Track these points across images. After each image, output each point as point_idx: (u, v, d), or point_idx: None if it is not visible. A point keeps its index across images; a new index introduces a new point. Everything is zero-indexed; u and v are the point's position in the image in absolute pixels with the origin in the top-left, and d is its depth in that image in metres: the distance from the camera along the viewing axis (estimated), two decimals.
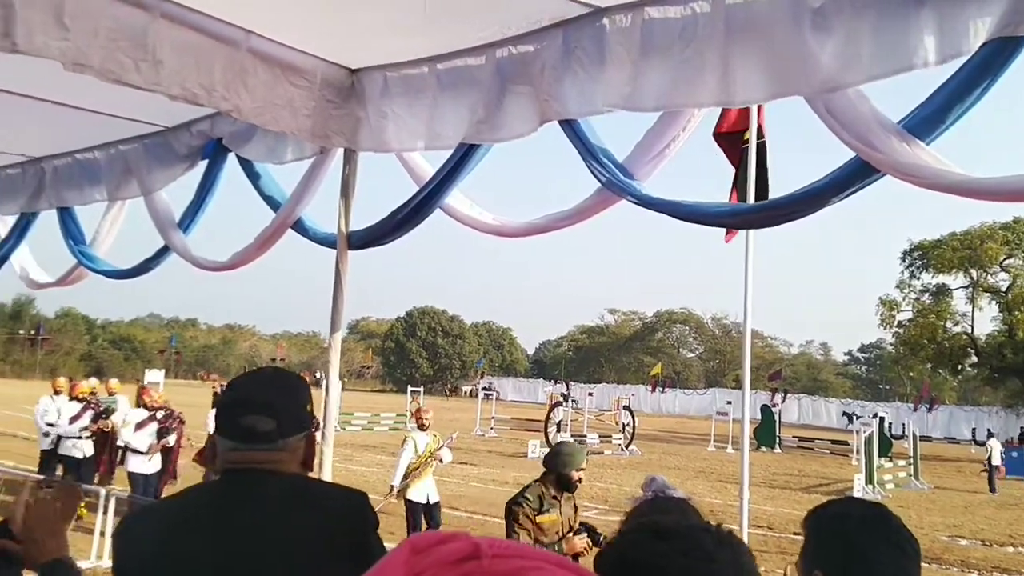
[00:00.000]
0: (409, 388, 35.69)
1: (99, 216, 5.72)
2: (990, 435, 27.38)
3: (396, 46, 3.71)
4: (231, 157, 4.57)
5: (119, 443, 10.48)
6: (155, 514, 1.84)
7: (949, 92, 2.50)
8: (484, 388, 42.00)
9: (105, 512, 8.00)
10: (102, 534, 7.78)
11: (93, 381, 13.16)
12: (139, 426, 9.90)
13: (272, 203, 4.55)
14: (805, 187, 2.83)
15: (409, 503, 9.38)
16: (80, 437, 10.93)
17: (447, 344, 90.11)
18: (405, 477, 9.51)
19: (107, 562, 7.13)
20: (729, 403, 34.80)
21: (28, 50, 2.84)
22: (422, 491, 9.44)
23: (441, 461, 9.87)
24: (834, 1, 2.52)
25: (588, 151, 3.32)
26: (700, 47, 2.73)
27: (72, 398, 11.25)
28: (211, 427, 11.61)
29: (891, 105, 2.65)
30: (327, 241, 4.33)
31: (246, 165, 4.54)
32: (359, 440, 24.69)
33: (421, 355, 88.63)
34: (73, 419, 10.93)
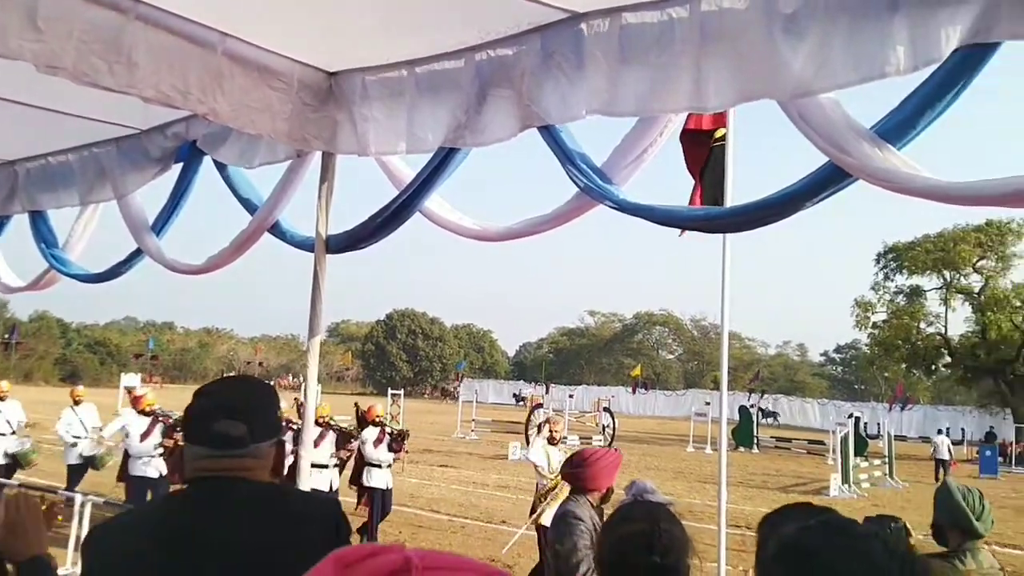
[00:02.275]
0: (389, 391, 35.54)
1: (72, 219, 5.66)
2: (939, 432, 29.34)
3: (374, 49, 3.70)
4: (207, 160, 4.54)
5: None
6: (125, 524, 1.81)
7: (920, 98, 2.53)
8: (443, 389, 41.69)
9: (80, 520, 7.89)
10: (77, 542, 7.68)
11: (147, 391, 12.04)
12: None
13: (249, 206, 4.53)
14: (780, 191, 2.86)
15: (543, 530, 8.07)
16: (153, 455, 9.90)
17: (427, 347, 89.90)
18: (541, 501, 8.40)
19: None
20: (707, 404, 35.03)
21: (2, 53, 2.81)
22: None
23: None
24: (807, 7, 2.53)
25: (566, 156, 3.33)
26: (676, 52, 2.75)
27: (139, 412, 10.16)
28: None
29: (859, 110, 2.68)
30: (305, 245, 4.31)
31: (221, 168, 4.51)
32: None
33: (401, 358, 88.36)
34: (144, 435, 9.92)
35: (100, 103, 4.06)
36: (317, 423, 9.49)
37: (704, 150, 5.62)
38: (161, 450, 9.88)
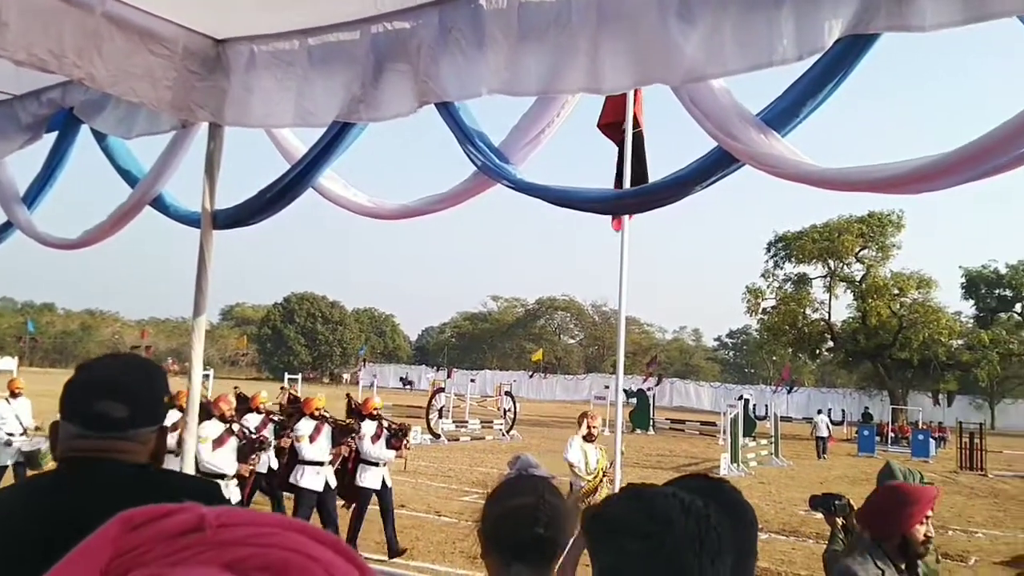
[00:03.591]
0: (286, 376, 34.74)
1: None
2: (819, 412, 31.44)
3: (265, 17, 3.55)
4: (85, 129, 4.28)
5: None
6: None
7: (803, 87, 2.63)
8: (332, 375, 41.18)
9: None
10: None
11: None
12: (314, 437, 8.86)
13: (129, 178, 4.29)
14: (670, 175, 2.92)
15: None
16: None
17: (327, 331, 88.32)
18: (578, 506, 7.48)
19: None
20: (607, 388, 35.83)
21: None
22: None
23: (612, 482, 7.57)
24: None
25: (464, 134, 3.30)
26: (573, 33, 2.75)
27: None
28: None
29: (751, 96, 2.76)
30: (189, 219, 4.13)
31: (100, 137, 4.26)
32: None
33: (299, 342, 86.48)
34: None
35: None
36: (313, 416, 9.07)
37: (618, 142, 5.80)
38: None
